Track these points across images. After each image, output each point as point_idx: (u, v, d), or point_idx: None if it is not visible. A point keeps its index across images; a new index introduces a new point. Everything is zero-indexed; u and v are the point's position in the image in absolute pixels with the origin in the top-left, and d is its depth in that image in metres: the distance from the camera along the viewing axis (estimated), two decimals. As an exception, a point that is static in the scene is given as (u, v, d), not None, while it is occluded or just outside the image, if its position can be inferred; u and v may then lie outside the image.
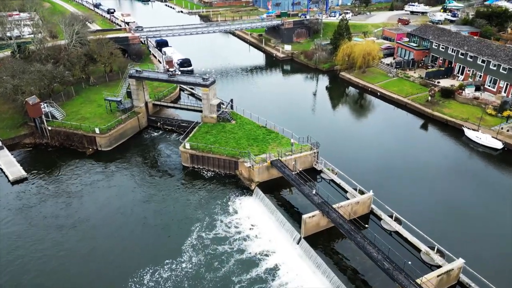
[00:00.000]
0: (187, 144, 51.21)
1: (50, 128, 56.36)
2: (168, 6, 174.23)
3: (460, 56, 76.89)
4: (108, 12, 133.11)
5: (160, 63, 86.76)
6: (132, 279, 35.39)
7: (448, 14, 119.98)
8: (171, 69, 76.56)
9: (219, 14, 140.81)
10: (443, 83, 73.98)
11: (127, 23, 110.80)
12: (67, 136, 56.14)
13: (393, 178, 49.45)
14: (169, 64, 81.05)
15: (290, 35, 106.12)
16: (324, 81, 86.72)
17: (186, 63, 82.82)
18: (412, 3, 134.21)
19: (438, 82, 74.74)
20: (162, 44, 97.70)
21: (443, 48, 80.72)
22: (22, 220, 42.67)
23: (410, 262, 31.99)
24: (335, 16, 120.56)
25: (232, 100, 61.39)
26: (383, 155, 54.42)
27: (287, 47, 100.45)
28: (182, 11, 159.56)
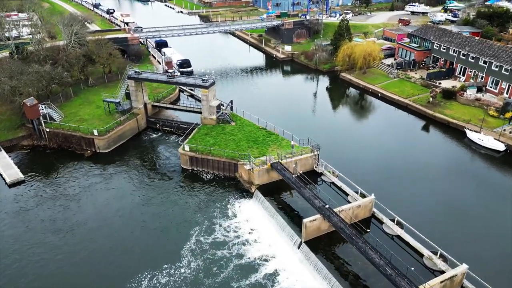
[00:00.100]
0: (186, 146, 50.71)
1: (48, 130, 55.86)
2: (168, 6, 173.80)
3: (461, 57, 76.37)
4: (108, 12, 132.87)
5: (160, 63, 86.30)
6: (130, 284, 34.90)
7: (448, 14, 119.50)
8: (170, 70, 76.10)
9: (219, 14, 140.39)
10: (444, 84, 73.46)
11: (127, 24, 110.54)
12: (65, 138, 55.66)
13: (394, 180, 49.00)
14: (168, 65, 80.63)
15: (290, 35, 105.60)
16: (325, 82, 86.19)
17: (185, 63, 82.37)
18: (413, 4, 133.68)
19: (440, 83, 74.19)
20: (161, 44, 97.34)
21: (444, 49, 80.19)
22: (20, 223, 42.21)
23: (412, 268, 31.43)
24: (335, 17, 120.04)
25: (232, 101, 60.94)
26: (384, 156, 53.92)
27: (287, 48, 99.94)
28: (181, 12, 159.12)
